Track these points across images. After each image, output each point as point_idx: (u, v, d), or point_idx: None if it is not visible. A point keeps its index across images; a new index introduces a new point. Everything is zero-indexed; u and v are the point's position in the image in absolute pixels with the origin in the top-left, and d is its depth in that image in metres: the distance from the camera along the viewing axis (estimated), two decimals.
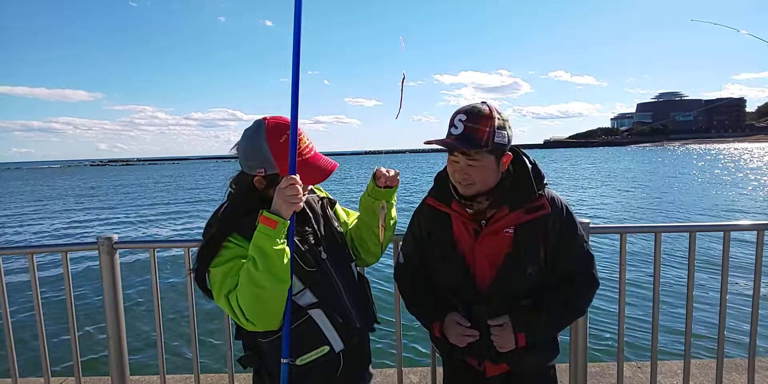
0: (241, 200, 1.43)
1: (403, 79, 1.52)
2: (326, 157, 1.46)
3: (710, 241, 7.56)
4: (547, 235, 1.55)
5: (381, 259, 1.73)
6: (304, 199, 1.38)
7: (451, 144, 1.47)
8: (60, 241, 11.76)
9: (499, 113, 1.48)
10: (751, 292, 2.25)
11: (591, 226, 2.13)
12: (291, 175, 1.31)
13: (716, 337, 2.26)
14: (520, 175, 1.58)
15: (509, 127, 1.51)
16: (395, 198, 1.66)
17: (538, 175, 1.59)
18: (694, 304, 2.24)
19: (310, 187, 1.60)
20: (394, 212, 1.69)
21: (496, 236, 1.56)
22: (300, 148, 1.37)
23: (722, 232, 2.20)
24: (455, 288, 1.62)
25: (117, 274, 2.29)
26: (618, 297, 2.25)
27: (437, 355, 1.86)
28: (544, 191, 1.58)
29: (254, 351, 1.49)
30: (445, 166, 1.63)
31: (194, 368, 2.38)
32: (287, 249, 1.32)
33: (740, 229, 2.29)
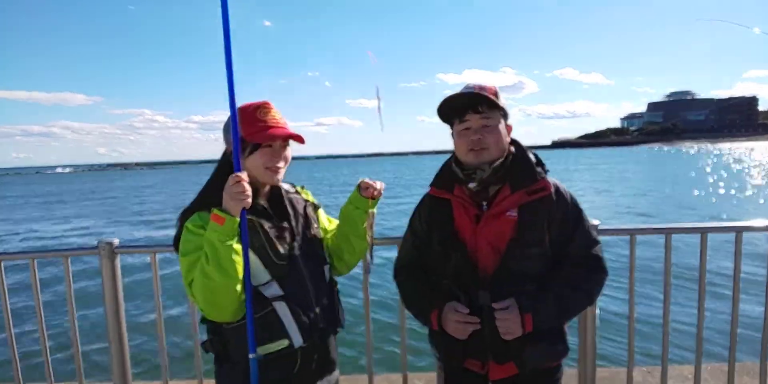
0: (221, 171, 1.50)
1: (378, 95, 1.58)
2: (282, 128, 1.48)
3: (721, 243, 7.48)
4: (551, 220, 1.54)
5: (353, 269, 1.76)
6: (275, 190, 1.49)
7: (473, 94, 1.53)
8: (61, 246, 11.75)
9: None
10: (763, 295, 2.21)
11: (600, 227, 2.10)
12: (236, 173, 1.37)
13: (728, 340, 2.23)
14: (522, 158, 1.61)
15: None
16: (375, 209, 1.64)
17: (540, 163, 1.62)
18: (705, 308, 2.19)
19: (295, 189, 1.66)
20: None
21: (498, 220, 1.54)
22: (262, 119, 1.46)
23: (734, 233, 2.17)
24: (457, 277, 1.57)
25: (118, 279, 2.30)
26: (628, 299, 2.22)
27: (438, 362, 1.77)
28: (545, 176, 1.58)
29: (217, 336, 1.51)
30: (447, 158, 1.68)
31: (197, 373, 2.36)
32: (237, 245, 1.36)
33: (753, 230, 2.25)
